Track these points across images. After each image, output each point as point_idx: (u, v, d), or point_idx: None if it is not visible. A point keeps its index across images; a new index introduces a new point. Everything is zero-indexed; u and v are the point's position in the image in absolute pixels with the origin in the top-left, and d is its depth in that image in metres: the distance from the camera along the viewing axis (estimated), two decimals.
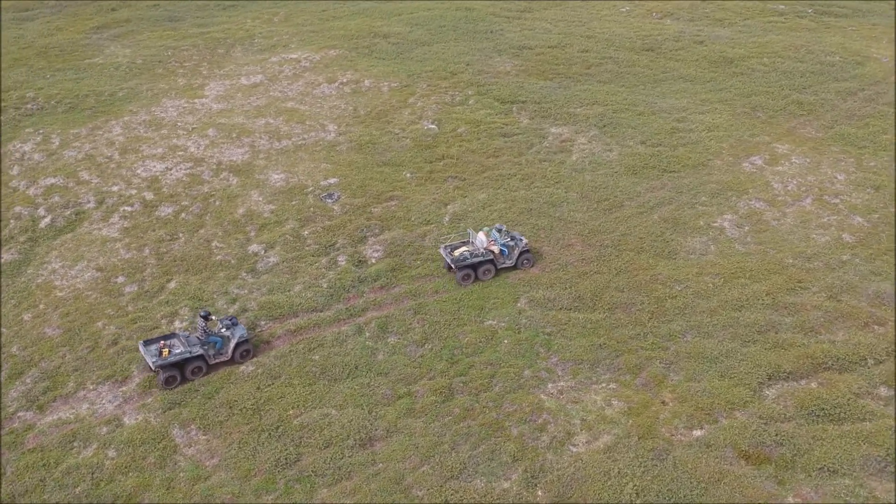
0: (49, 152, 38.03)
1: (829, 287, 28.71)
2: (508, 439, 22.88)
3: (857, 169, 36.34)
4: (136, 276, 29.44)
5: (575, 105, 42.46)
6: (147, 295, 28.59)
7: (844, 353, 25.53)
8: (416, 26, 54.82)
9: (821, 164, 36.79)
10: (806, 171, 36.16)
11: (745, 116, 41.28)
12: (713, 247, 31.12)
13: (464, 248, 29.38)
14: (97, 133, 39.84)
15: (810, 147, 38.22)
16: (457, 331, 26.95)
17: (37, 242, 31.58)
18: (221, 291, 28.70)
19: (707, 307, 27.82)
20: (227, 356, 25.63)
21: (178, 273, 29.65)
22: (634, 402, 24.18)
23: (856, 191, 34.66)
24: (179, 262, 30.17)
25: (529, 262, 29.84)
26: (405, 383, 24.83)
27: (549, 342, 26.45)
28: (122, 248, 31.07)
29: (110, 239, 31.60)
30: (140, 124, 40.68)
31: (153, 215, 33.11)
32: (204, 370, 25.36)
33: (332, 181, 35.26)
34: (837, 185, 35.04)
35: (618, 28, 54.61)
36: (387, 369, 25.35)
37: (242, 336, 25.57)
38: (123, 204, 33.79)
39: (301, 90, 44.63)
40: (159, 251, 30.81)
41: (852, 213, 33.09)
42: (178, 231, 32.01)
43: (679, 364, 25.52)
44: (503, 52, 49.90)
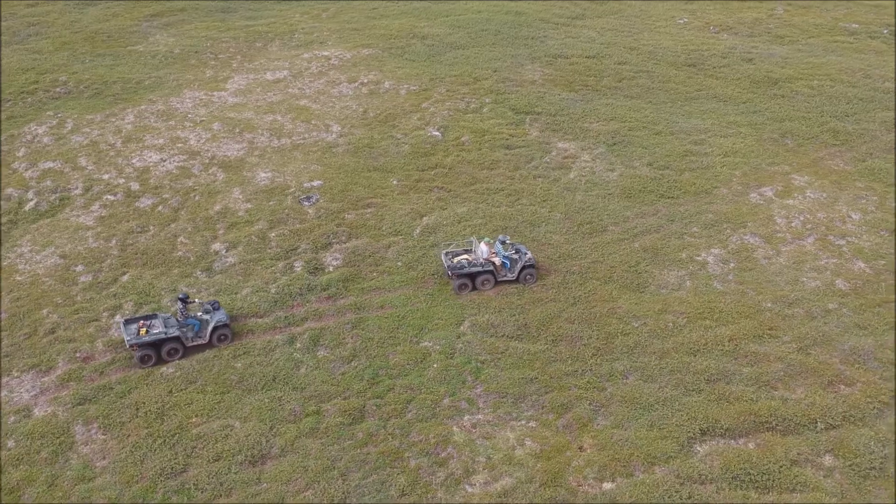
0: (58, 136, 38.99)
1: (802, 337, 26.35)
2: (404, 471, 21.84)
3: (878, 208, 33.37)
4: (94, 266, 29.71)
5: (591, 120, 40.68)
6: (98, 286, 28.79)
7: (794, 413, 23.32)
8: (458, 28, 53.86)
9: (838, 200, 33.97)
10: (818, 206, 33.44)
11: (771, 143, 38.60)
12: (689, 282, 29.09)
13: (464, 257, 28.62)
14: (110, 120, 40.62)
15: (832, 181, 35.36)
16: (389, 350, 26.01)
17: (16, 225, 32.31)
18: (170, 288, 28.61)
19: (659, 348, 25.96)
20: (205, 340, 25.79)
21: (135, 266, 29.77)
22: (549, 444, 22.71)
23: (868, 233, 31.80)
24: (140, 256, 30.28)
25: (533, 279, 28.74)
26: (318, 401, 24.08)
27: (479, 371, 25.19)
28: (92, 236, 31.44)
29: (83, 227, 32.04)
30: (153, 114, 41.26)
31: (132, 206, 33.41)
32: (181, 352, 25.53)
33: (315, 183, 34.80)
34: (849, 225, 32.23)
35: (666, 40, 52.19)
36: (304, 384, 24.66)
37: (220, 321, 25.70)
38: (108, 192, 34.25)
39: (320, 88, 44.40)
40: (125, 243, 31.03)
41: (856, 257, 30.36)
42: (149, 224, 32.17)
43: (610, 408, 23.86)
44: (537, 59, 48.40)
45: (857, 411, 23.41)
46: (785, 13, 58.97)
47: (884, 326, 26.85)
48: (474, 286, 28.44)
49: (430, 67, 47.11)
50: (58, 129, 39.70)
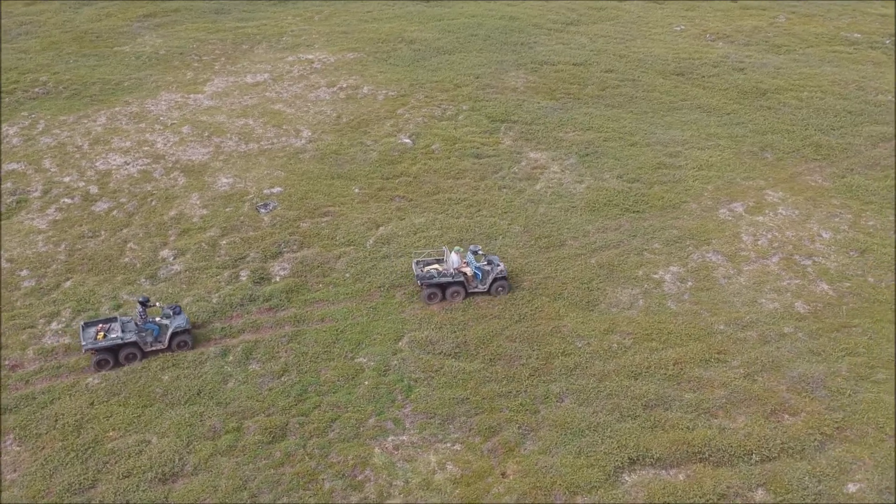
0: (28, 137, 38.84)
1: (751, 363, 25.34)
2: (316, 494, 21.19)
3: (851, 227, 32.17)
4: (39, 272, 29.40)
5: (567, 129, 39.80)
6: (40, 292, 28.46)
7: (729, 443, 22.34)
8: (447, 33, 53.18)
9: (810, 217, 32.81)
10: (789, 224, 32.31)
11: (749, 156, 37.46)
12: (641, 301, 28.15)
13: (435, 266, 28.02)
14: (81, 122, 40.43)
15: (807, 197, 34.19)
16: (322, 365, 25.37)
17: None
18: (111, 296, 28.21)
19: (600, 370, 25.08)
20: (164, 345, 25.40)
21: (80, 272, 29.41)
22: (471, 469, 21.94)
23: (837, 252, 30.64)
24: (87, 261, 29.92)
25: (505, 290, 28.07)
26: (240, 417, 23.50)
27: (411, 389, 24.47)
28: (42, 240, 31.15)
29: (35, 230, 31.76)
30: (125, 116, 41.02)
31: (88, 210, 33.10)
32: (139, 357, 25.19)
33: (275, 190, 34.28)
34: (817, 245, 31.09)
35: (659, 48, 51.11)
36: (229, 399, 24.09)
37: (179, 326, 25.27)
38: (66, 196, 33.98)
39: (297, 92, 43.93)
40: (74, 248, 30.69)
41: (820, 278, 29.23)
42: (101, 228, 31.82)
43: (540, 432, 23.03)
44: (522, 66, 47.57)
45: (797, 443, 22.38)
46: (787, 21, 57.63)
47: (838, 352, 25.75)
48: (444, 296, 27.74)
49: (411, 73, 46.46)
50: (28, 131, 39.55)
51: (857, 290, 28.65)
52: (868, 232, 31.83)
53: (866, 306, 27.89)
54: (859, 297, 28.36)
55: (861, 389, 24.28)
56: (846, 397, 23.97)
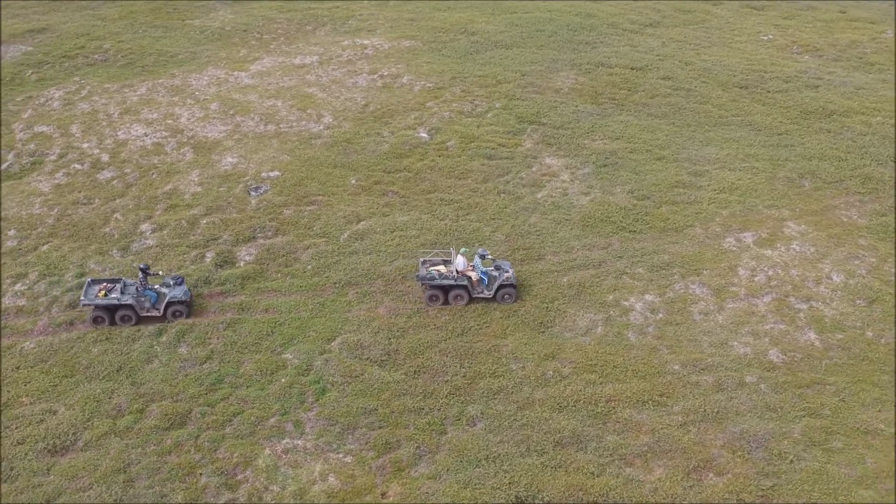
0: (68, 102, 40.46)
1: (694, 410, 23.16)
2: (188, 488, 20.91)
3: (870, 273, 28.92)
4: (24, 233, 30.50)
5: (596, 136, 37.77)
6: (17, 252, 29.51)
7: (631, 496, 20.47)
8: (513, 27, 51.62)
9: (826, 257, 29.72)
10: (798, 262, 29.39)
11: (783, 182, 34.35)
12: (600, 329, 26.28)
13: (441, 267, 27.21)
14: (123, 91, 41.74)
15: (831, 234, 30.99)
16: (246, 357, 25.06)
17: None
18: (79, 264, 28.91)
19: (525, 398, 23.57)
20: (159, 313, 26.09)
21: (60, 237, 30.30)
22: (353, 484, 21.08)
23: (842, 299, 27.60)
24: (71, 227, 30.81)
25: (511, 298, 26.97)
26: (148, 399, 23.51)
27: (324, 393, 23.80)
28: (40, 202, 32.31)
29: (38, 192, 32.99)
30: (165, 88, 42.04)
31: (92, 177, 34.10)
32: (133, 320, 26.01)
33: (273, 174, 34.23)
34: (822, 288, 28.10)
35: (732, 57, 47.77)
36: (145, 380, 24.16)
37: (175, 297, 25.91)
38: (77, 161, 35.13)
39: (336, 77, 43.75)
40: (65, 213, 31.66)
41: (810, 326, 26.40)
42: (96, 196, 32.70)
43: (437, 455, 21.87)
44: (577, 66, 45.55)
45: None
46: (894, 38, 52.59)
47: (798, 411, 23.14)
48: (447, 300, 26.85)
49: (459, 65, 45.35)
50: (72, 95, 41.17)
51: (847, 344, 25.66)
52: (887, 280, 28.49)
53: (851, 364, 24.95)
54: (847, 352, 25.39)
55: (807, 457, 21.70)
56: (786, 463, 21.49)
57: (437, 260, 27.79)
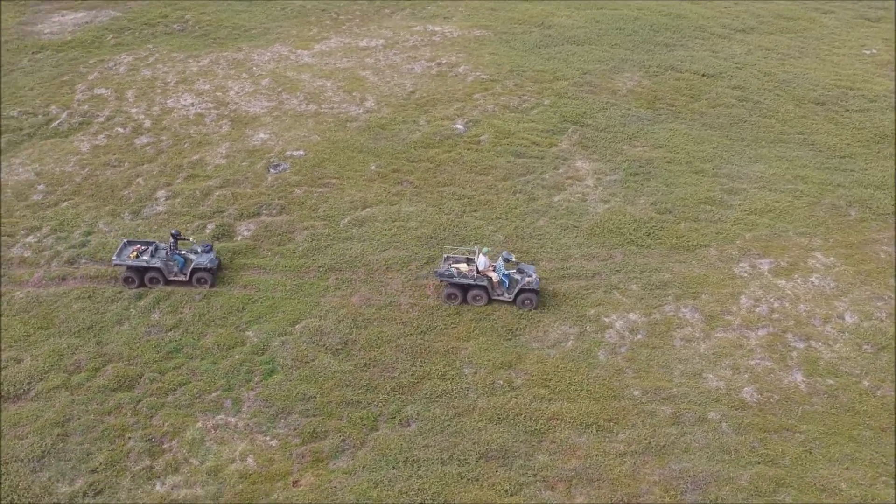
0: (132, 68, 42.27)
1: (639, 441, 21.87)
2: (115, 449, 21.54)
3: (890, 317, 26.41)
4: (51, 188, 32.12)
5: (637, 142, 36.17)
6: (40, 206, 31.13)
7: None
8: (594, 23, 50.07)
9: (846, 294, 27.34)
10: (812, 296, 27.17)
11: (827, 209, 31.81)
12: (570, 343, 25.20)
13: (462, 265, 26.65)
14: (186, 62, 43.22)
15: (861, 270, 28.48)
16: (210, 330, 25.51)
17: (30, 138, 35.78)
18: (90, 222, 30.19)
19: (465, 405, 22.91)
20: (185, 278, 26.98)
21: (82, 195, 31.74)
22: (269, 469, 21.14)
23: (847, 342, 25.33)
24: (94, 187, 32.21)
25: (532, 304, 25.98)
26: (106, 359, 24.33)
27: (271, 374, 23.93)
28: (75, 161, 33.94)
29: (76, 151, 34.66)
30: (226, 61, 43.23)
31: (129, 141, 35.51)
32: (161, 282, 27.02)
33: (298, 153, 34.62)
34: (828, 328, 25.88)
35: (820, 71, 44.61)
36: (109, 340, 25.01)
37: (200, 264, 26.62)
38: (121, 125, 36.66)
39: (394, 62, 43.74)
40: (93, 173, 33.13)
41: (800, 367, 24.37)
42: (127, 160, 34.03)
43: (360, 452, 21.61)
44: (645, 68, 43.72)
45: None
46: None
47: (753, 457, 21.42)
48: (465, 299, 26.33)
49: (522, 58, 44.39)
50: (139, 62, 42.95)
51: (836, 392, 23.52)
52: None
53: (832, 413, 22.85)
54: (833, 400, 23.26)
55: None
56: None
57: (461, 258, 27.06)
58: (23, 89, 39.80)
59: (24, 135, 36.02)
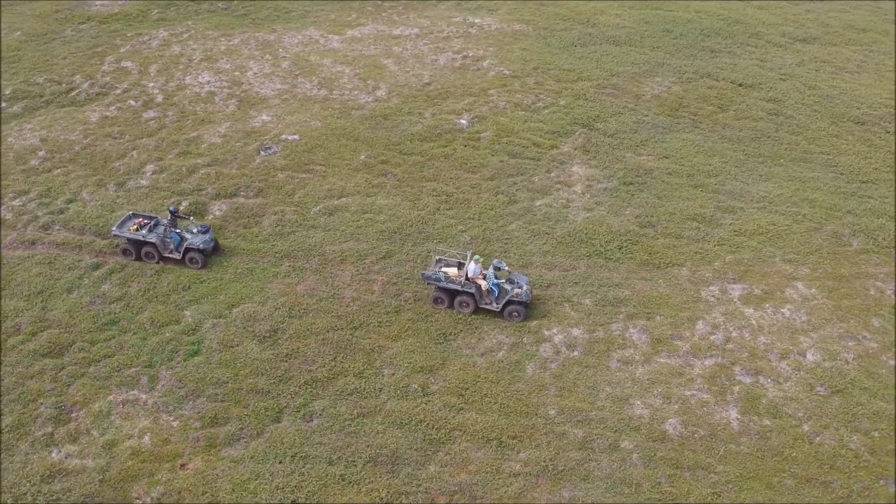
0: (165, 43, 43.35)
1: (537, 462, 21.00)
2: (24, 413, 22.17)
3: (858, 359, 24.45)
4: (50, 154, 33.31)
5: (643, 151, 34.71)
6: (34, 171, 32.31)
7: None
8: (642, 24, 48.36)
9: (817, 330, 25.47)
10: (778, 329, 25.43)
11: (826, 236, 29.70)
12: (502, 353, 24.40)
13: (452, 270, 25.66)
14: (219, 39, 44.03)
15: (843, 305, 26.46)
16: (151, 305, 25.91)
17: (47, 105, 37.19)
18: (74, 191, 31.13)
19: (373, 405, 22.51)
20: (179, 256, 27.37)
21: (76, 164, 32.77)
22: (161, 449, 21.34)
23: (799, 382, 23.59)
24: (89, 157, 33.20)
25: (520, 316, 25.08)
26: (45, 325, 25.03)
27: (194, 355, 24.12)
28: (80, 130, 35.08)
29: (85, 121, 35.81)
30: (256, 42, 43.81)
31: (138, 114, 36.44)
32: (156, 258, 27.45)
33: (292, 137, 34.76)
34: (784, 364, 24.15)
35: (872, 88, 41.74)
36: (55, 307, 25.72)
37: (192, 244, 26.79)
38: (134, 98, 37.65)
39: (420, 52, 43.36)
40: (93, 143, 34.16)
41: (738, 403, 22.85)
42: (128, 133, 34.93)
43: (254, 442, 21.54)
44: (680, 73, 41.91)
45: None
46: None
47: (654, 494, 20.21)
48: (452, 304, 25.63)
49: (553, 56, 43.26)
50: (173, 38, 44.00)
51: (770, 433, 21.91)
52: (873, 372, 23.89)
53: (757, 456, 21.30)
54: (764, 442, 21.67)
55: None
56: None
57: (452, 261, 26.29)
58: (56, 58, 41.33)
59: (42, 101, 37.40)
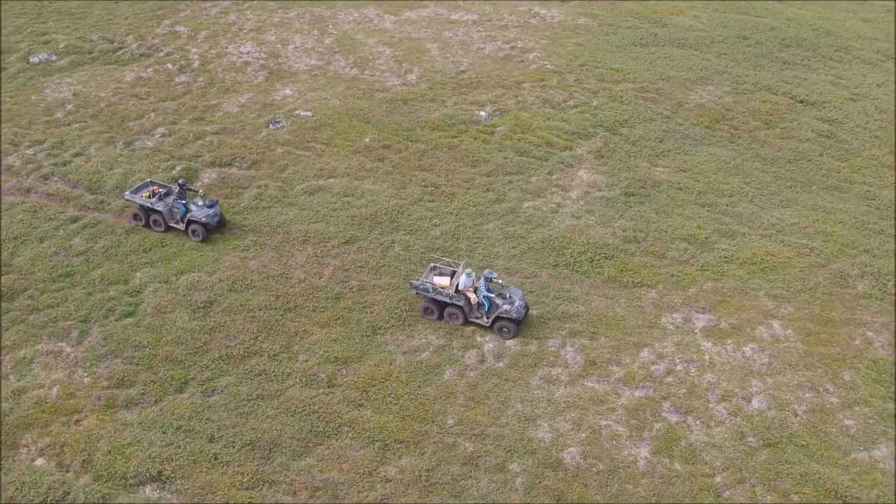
0: (224, 11, 44.48)
1: (412, 470, 20.23)
2: None
3: (810, 413, 22.21)
4: (77, 108, 34.86)
5: (661, 162, 32.80)
6: (56, 123, 33.89)
7: None
8: (719, 27, 45.64)
9: (772, 375, 23.31)
10: (728, 368, 23.46)
11: (829, 275, 27.09)
12: (426, 355, 23.65)
13: (445, 279, 24.42)
14: (276, 11, 44.78)
15: (816, 352, 24.08)
16: (108, 262, 26.68)
17: (92, 62, 38.93)
18: (84, 146, 32.45)
19: (275, 389, 22.39)
20: (182, 227, 27.76)
21: (95, 120, 34.15)
22: (64, 403, 22.03)
23: (731, 430, 21.67)
24: (110, 115, 34.51)
25: (510, 333, 23.67)
26: (7, 271, 26.20)
27: (128, 315, 24.76)
28: (112, 89, 36.52)
29: (119, 79, 37.25)
30: (310, 16, 44.26)
31: (170, 77, 37.58)
32: (163, 227, 27.97)
33: (305, 113, 34.93)
34: (719, 407, 22.25)
35: None
36: (22, 254, 26.91)
37: (196, 217, 26.99)
38: (172, 62, 38.81)
39: (467, 39, 42.60)
40: (121, 101, 35.48)
41: (653, 442, 21.23)
42: (154, 94, 36.06)
43: (150, 409, 21.84)
44: (737, 84, 39.29)
45: None
46: None
47: None
48: (441, 316, 24.45)
49: (606, 54, 41.50)
50: (234, 5, 45.08)
51: (675, 479, 20.22)
52: (819, 430, 21.61)
53: (650, 502, 19.71)
54: (666, 487, 20.01)
55: None
56: None
57: (447, 270, 25.12)
58: (119, 17, 43.11)
59: (90, 58, 39.13)
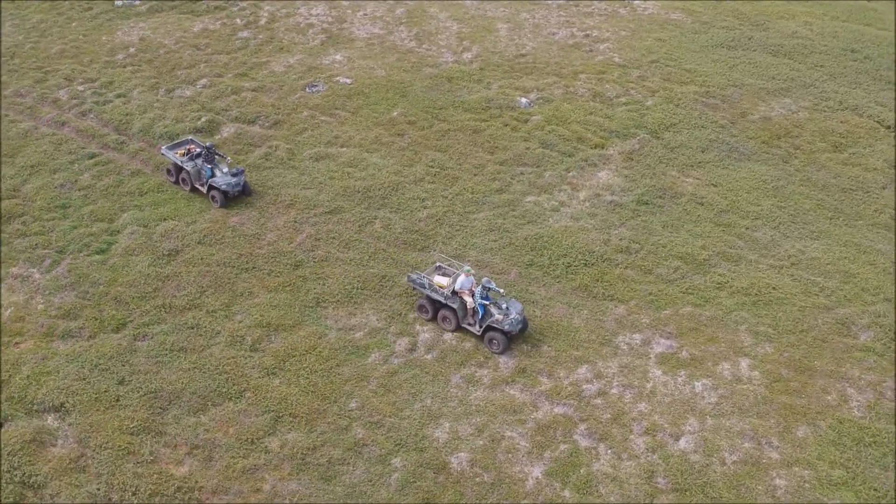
0: None
1: (291, 445, 20.03)
2: None
3: (740, 462, 20.27)
4: (139, 51, 36.58)
5: (693, 173, 30.66)
6: (113, 64, 35.65)
7: None
8: (829, 37, 42.08)
9: (716, 417, 21.35)
10: (668, 401, 21.67)
11: (830, 320, 24.46)
12: (359, 335, 23.30)
13: (445, 280, 23.34)
14: None
15: (775, 400, 21.82)
16: (101, 201, 27.82)
17: (170, 10, 40.58)
18: (129, 88, 33.95)
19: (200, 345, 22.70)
20: (204, 191, 27.62)
21: (149, 65, 35.66)
22: (11, 325, 23.24)
23: (642, 465, 20.03)
24: (163, 62, 35.92)
25: (498, 346, 22.26)
26: (13, 195, 27.87)
27: (99, 253, 25.73)
28: (177, 37, 37.95)
29: (187, 29, 38.68)
30: None
31: (234, 32, 38.64)
32: (189, 187, 27.94)
33: (345, 80, 35.03)
34: (638, 441, 20.59)
35: None
36: (32, 182, 28.52)
37: (216, 183, 26.82)
38: (241, 17, 39.87)
39: (547, 22, 41.40)
40: (180, 49, 36.84)
41: (553, 462, 19.97)
42: (211, 46, 37.20)
43: (80, 343, 22.71)
44: (822, 100, 36.06)
45: None
46: None
47: None
48: (435, 317, 23.47)
49: (684, 53, 39.20)
50: None
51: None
52: (741, 484, 19.63)
53: None
54: None
55: None
56: None
57: (451, 271, 23.84)
58: None
59: (169, 6, 40.86)
